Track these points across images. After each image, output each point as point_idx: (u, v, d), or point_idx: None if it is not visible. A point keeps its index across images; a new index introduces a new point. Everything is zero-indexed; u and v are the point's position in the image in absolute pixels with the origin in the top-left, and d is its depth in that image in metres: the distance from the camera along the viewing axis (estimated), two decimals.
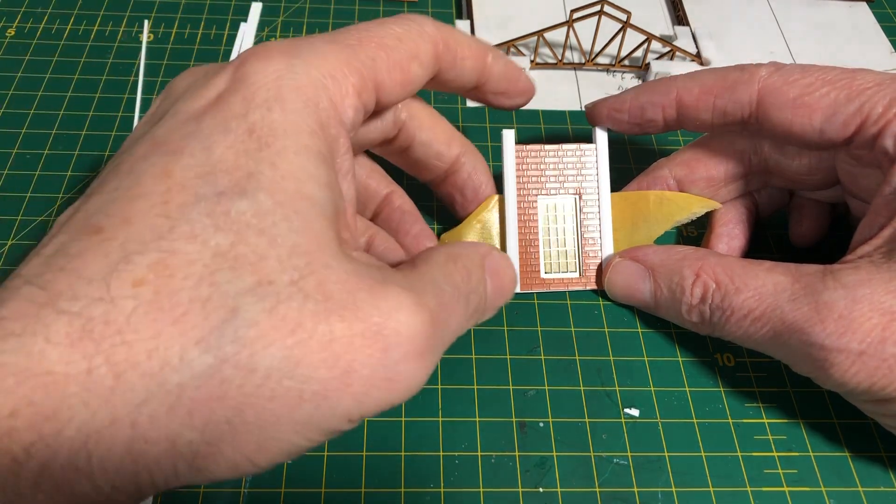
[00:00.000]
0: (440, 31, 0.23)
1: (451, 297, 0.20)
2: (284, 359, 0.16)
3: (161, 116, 0.19)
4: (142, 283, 0.15)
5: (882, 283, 0.21)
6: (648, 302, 0.27)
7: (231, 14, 0.40)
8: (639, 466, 0.25)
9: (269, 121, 0.18)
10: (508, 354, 0.27)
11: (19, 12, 0.39)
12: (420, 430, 0.25)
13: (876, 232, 0.23)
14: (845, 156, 0.26)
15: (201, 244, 0.16)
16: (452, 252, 0.22)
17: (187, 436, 0.15)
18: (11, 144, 0.33)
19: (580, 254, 0.29)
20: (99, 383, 0.15)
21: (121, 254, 0.16)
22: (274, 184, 0.17)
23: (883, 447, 0.26)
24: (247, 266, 0.16)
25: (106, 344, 0.15)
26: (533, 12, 0.41)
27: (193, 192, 0.17)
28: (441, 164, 0.27)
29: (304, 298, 0.16)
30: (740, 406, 0.26)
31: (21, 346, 0.14)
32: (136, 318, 0.15)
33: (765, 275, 0.23)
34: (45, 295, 0.15)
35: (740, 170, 0.28)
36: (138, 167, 0.17)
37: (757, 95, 0.25)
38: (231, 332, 0.15)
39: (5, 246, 0.29)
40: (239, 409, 0.15)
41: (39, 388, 0.14)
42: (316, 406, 0.16)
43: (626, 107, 0.28)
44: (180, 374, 0.15)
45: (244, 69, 0.19)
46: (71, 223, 0.17)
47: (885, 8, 0.43)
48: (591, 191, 0.28)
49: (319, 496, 0.24)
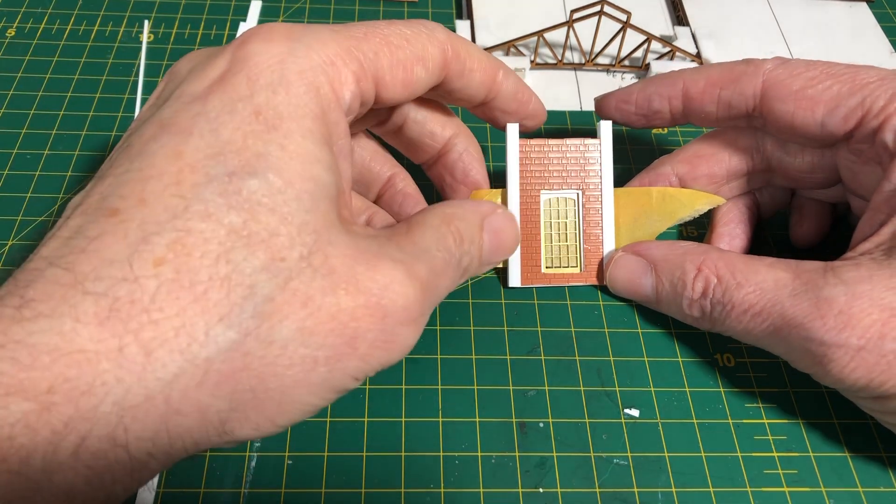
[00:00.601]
0: (451, 39, 0.23)
1: (442, 263, 0.21)
2: (298, 330, 0.17)
3: (166, 99, 0.20)
4: (162, 262, 0.16)
5: (882, 280, 0.21)
6: (650, 296, 0.27)
7: (231, 14, 0.40)
8: (639, 467, 0.25)
9: (275, 103, 0.18)
10: (508, 355, 0.27)
11: (19, 12, 0.39)
12: (420, 431, 0.25)
13: (876, 229, 0.23)
14: (846, 152, 0.26)
15: (215, 222, 0.17)
16: (448, 213, 0.23)
17: (216, 405, 0.16)
18: (11, 144, 0.33)
19: (582, 249, 0.29)
20: (131, 360, 0.15)
21: (139, 234, 0.16)
22: (283, 164, 0.18)
23: (883, 447, 0.26)
24: (259, 243, 0.17)
25: (134, 323, 0.16)
26: (533, 12, 0.41)
27: (205, 172, 0.17)
28: (434, 144, 0.27)
29: (312, 273, 0.18)
30: (740, 406, 0.26)
31: (51, 326, 0.15)
32: (160, 296, 0.16)
33: (766, 270, 0.24)
34: (70, 276, 0.16)
35: (743, 168, 0.29)
36: (148, 148, 0.18)
37: (761, 87, 0.25)
38: (250, 308, 0.17)
39: (5, 246, 0.29)
40: (261, 378, 0.17)
41: (73, 366, 0.15)
42: (329, 369, 0.18)
43: (634, 98, 0.28)
44: (207, 349, 0.16)
45: (246, 49, 0.19)
46: (85, 205, 0.17)
47: (885, 8, 0.43)
48: (594, 186, 0.28)
49: (319, 496, 0.24)
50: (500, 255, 0.25)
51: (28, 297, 0.15)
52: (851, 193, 0.27)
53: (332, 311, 0.18)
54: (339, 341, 0.18)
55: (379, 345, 0.19)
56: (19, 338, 0.15)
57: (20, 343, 0.15)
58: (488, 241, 0.24)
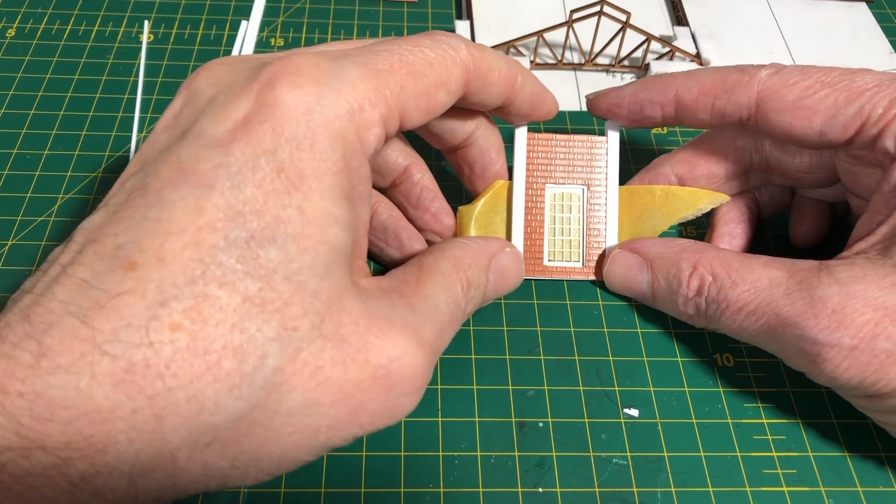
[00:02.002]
0: (473, 56, 0.22)
1: (448, 318, 0.22)
2: (305, 401, 0.18)
3: (184, 129, 0.19)
4: (178, 328, 0.16)
5: (876, 280, 0.21)
6: (646, 293, 0.27)
7: (231, 14, 0.40)
8: (638, 466, 0.25)
9: (298, 160, 0.18)
10: (508, 354, 0.27)
11: (19, 12, 0.39)
12: (420, 430, 0.25)
13: (874, 229, 0.23)
14: (846, 155, 0.26)
15: (231, 289, 0.17)
16: (458, 257, 0.23)
17: (220, 464, 0.17)
18: (11, 144, 0.33)
19: (584, 244, 0.29)
20: (143, 423, 0.16)
21: (157, 297, 0.16)
22: (301, 230, 0.18)
23: (882, 447, 0.26)
24: (273, 312, 0.17)
25: (148, 388, 0.16)
26: (533, 12, 0.41)
27: (224, 234, 0.17)
28: (453, 140, 0.27)
29: (323, 343, 0.18)
30: (740, 406, 0.26)
31: (69, 382, 0.16)
32: (175, 363, 0.16)
33: (761, 269, 0.24)
34: (89, 332, 0.16)
35: (741, 167, 0.29)
36: (167, 196, 0.17)
37: (756, 98, 0.25)
38: (261, 380, 0.17)
39: (5, 246, 0.29)
40: (264, 443, 0.18)
41: (89, 424, 0.16)
42: (328, 436, 0.19)
43: (626, 102, 0.28)
44: (216, 417, 0.17)
45: (274, 93, 0.19)
46: (100, 245, 0.17)
47: (885, 8, 0.43)
48: (600, 182, 0.28)
49: (319, 496, 0.24)
50: (501, 294, 0.26)
51: (46, 345, 0.16)
52: (850, 193, 0.27)
53: (340, 382, 0.18)
54: (343, 412, 0.18)
55: (381, 413, 0.19)
56: (39, 389, 0.15)
57: (40, 396, 0.15)
58: (493, 281, 0.25)
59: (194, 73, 0.21)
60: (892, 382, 0.21)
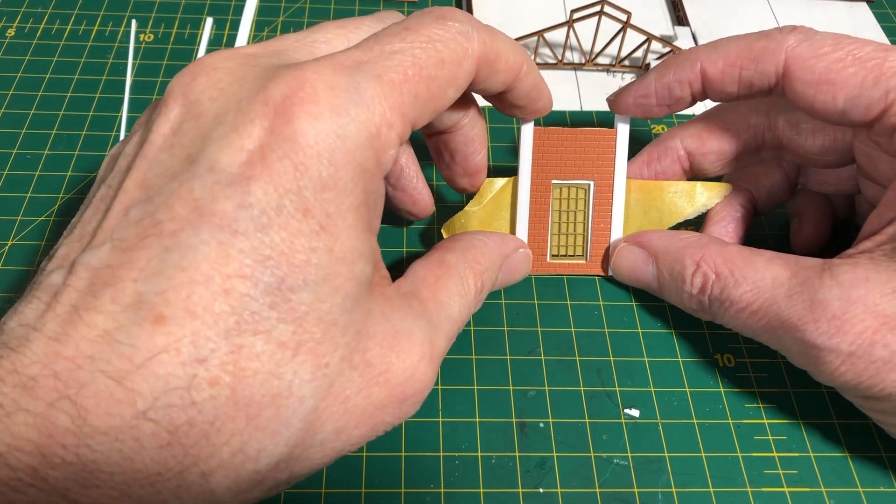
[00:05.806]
0: (484, 45, 0.21)
1: (459, 325, 0.23)
2: (334, 430, 0.19)
3: (191, 152, 0.18)
4: (217, 383, 0.16)
5: (878, 285, 0.21)
6: (653, 285, 0.27)
7: (231, 14, 0.40)
8: (639, 467, 0.25)
9: (323, 200, 0.17)
10: (509, 355, 0.27)
11: (19, 12, 0.39)
12: (420, 431, 0.25)
13: (883, 227, 0.23)
14: (865, 137, 0.25)
15: (266, 337, 0.17)
16: (477, 261, 0.24)
17: (255, 494, 0.18)
18: (11, 144, 0.33)
19: (589, 239, 0.29)
20: (190, 482, 0.16)
21: (193, 353, 0.16)
22: (330, 270, 0.18)
23: (883, 447, 0.26)
24: (307, 353, 0.17)
25: (193, 448, 0.16)
26: (533, 12, 0.41)
27: (254, 281, 0.16)
28: (439, 125, 0.26)
29: (350, 372, 0.19)
30: (740, 406, 0.26)
31: (113, 447, 0.15)
32: (219, 420, 0.16)
33: (764, 267, 0.24)
34: (126, 395, 0.15)
35: (753, 145, 0.28)
36: (187, 240, 0.16)
37: (783, 65, 0.24)
38: (298, 422, 0.18)
39: (5, 246, 0.29)
40: (294, 471, 0.19)
41: (138, 487, 0.16)
42: (347, 452, 0.20)
43: (653, 90, 0.27)
44: (259, 464, 0.17)
45: (292, 128, 0.17)
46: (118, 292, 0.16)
47: (885, 8, 0.43)
48: (607, 177, 0.28)
49: (319, 496, 0.24)
50: (504, 286, 0.27)
51: (83, 408, 0.15)
52: (865, 177, 0.26)
53: (364, 406, 0.19)
54: (365, 431, 0.20)
55: (390, 422, 0.20)
56: (83, 456, 0.15)
57: (84, 464, 0.15)
58: (501, 277, 0.26)
59: (188, 74, 0.19)
60: (888, 387, 0.21)
